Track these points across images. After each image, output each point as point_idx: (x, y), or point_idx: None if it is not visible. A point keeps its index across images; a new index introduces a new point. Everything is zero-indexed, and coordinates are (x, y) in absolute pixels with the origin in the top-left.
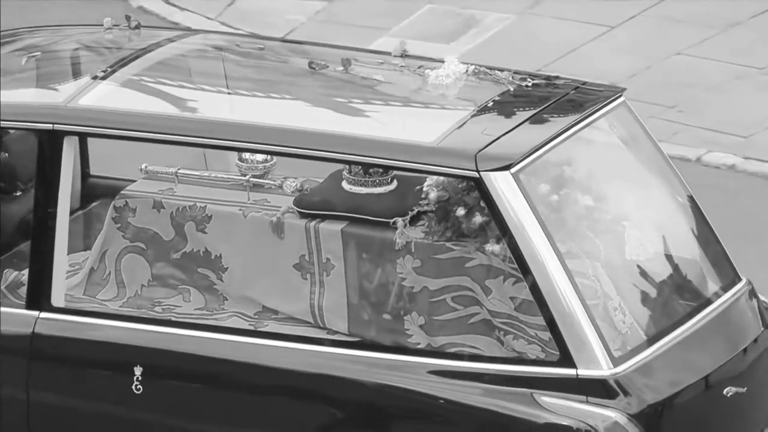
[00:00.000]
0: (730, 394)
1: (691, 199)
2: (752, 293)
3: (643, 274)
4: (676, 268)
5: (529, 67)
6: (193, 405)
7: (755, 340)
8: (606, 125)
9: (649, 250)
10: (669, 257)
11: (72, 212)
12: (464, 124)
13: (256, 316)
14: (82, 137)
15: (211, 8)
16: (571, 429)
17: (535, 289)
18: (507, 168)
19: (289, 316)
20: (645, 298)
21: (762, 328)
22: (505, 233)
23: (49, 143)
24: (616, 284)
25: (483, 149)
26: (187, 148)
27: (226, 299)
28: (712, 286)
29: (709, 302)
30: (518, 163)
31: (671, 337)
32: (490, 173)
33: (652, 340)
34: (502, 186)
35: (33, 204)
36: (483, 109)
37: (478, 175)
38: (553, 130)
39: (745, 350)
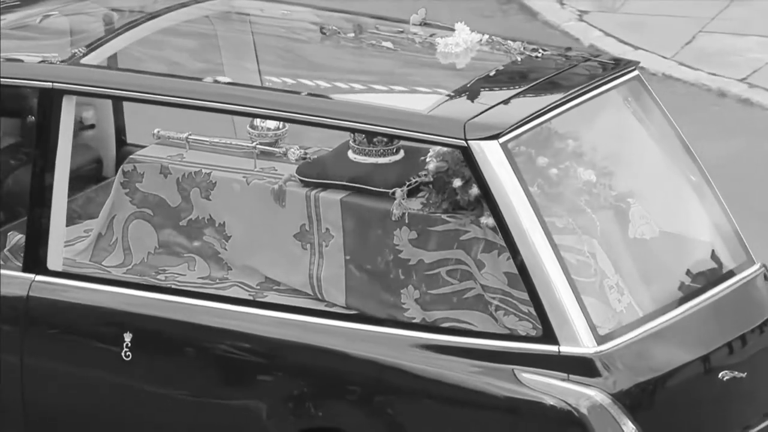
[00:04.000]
0: (727, 378)
1: (705, 178)
2: (764, 277)
3: (647, 252)
4: (683, 248)
5: None
6: (181, 373)
7: (761, 326)
8: (618, 99)
9: (656, 228)
10: (677, 237)
11: (104, 179)
12: (461, 92)
13: (258, 287)
14: (118, 102)
15: (667, 47)
16: (549, 407)
17: (519, 262)
18: (495, 137)
19: (290, 288)
20: (646, 278)
21: None
22: (491, 204)
23: (48, 102)
24: (615, 262)
25: (473, 118)
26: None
27: (231, 268)
28: (720, 267)
29: (714, 284)
30: (507, 132)
31: (667, 318)
32: (478, 142)
33: (645, 320)
34: (489, 156)
35: (31, 165)
36: (484, 78)
37: (465, 144)
38: (551, 101)
39: (748, 335)
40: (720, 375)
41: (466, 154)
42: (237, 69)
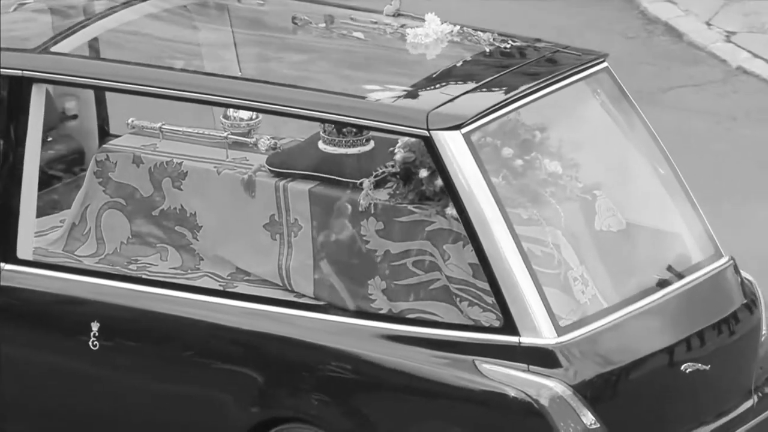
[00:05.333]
0: (690, 370)
1: (674, 170)
2: (733, 270)
3: (613, 244)
4: (650, 240)
5: None
6: (147, 362)
7: (727, 319)
8: (587, 90)
9: (623, 220)
10: (644, 229)
11: (86, 170)
12: (426, 83)
13: (229, 277)
14: (101, 93)
15: None
16: (509, 397)
17: (480, 253)
18: (457, 128)
19: (259, 278)
20: (612, 269)
21: (737, 307)
22: (453, 194)
23: (18, 90)
24: (580, 253)
25: (435, 108)
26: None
27: (202, 259)
28: (688, 260)
29: (681, 276)
30: (470, 123)
31: (631, 309)
32: (440, 132)
33: (608, 311)
34: (451, 146)
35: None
36: (450, 69)
37: (428, 134)
38: (516, 92)
39: (713, 328)
40: (683, 367)
41: (429, 144)
42: (216, 59)
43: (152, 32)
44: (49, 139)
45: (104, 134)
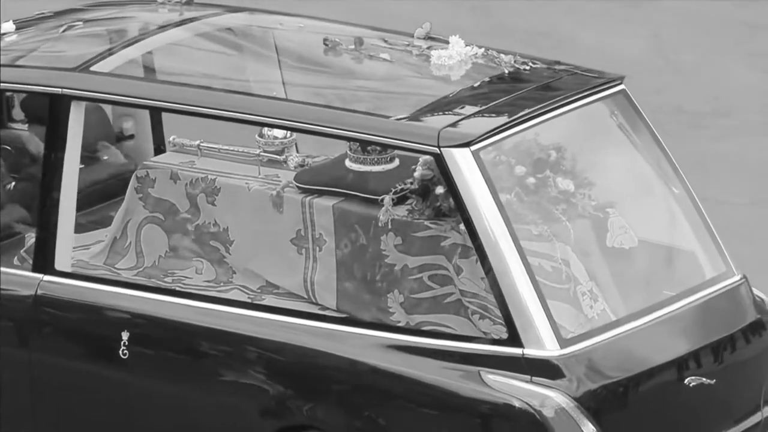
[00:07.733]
0: (693, 384)
1: (688, 190)
2: (746, 288)
3: (625, 261)
4: (662, 257)
5: None
6: (173, 372)
7: (736, 335)
8: (605, 111)
9: (635, 238)
10: (656, 246)
11: None
12: (443, 102)
13: (259, 290)
14: (157, 113)
15: None
16: (512, 408)
17: (486, 266)
18: (467, 145)
19: (287, 291)
20: (622, 285)
21: (747, 324)
22: (461, 209)
23: (58, 107)
24: (590, 269)
25: (447, 126)
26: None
27: (235, 273)
28: (698, 277)
29: (690, 293)
30: (479, 141)
31: (637, 324)
32: (450, 149)
33: (614, 325)
34: (460, 162)
35: (41, 168)
36: (468, 89)
37: (438, 151)
38: (529, 111)
39: (719, 343)
40: (686, 381)
41: (439, 160)
42: (262, 80)
43: (194, 53)
44: (105, 158)
45: (160, 154)
